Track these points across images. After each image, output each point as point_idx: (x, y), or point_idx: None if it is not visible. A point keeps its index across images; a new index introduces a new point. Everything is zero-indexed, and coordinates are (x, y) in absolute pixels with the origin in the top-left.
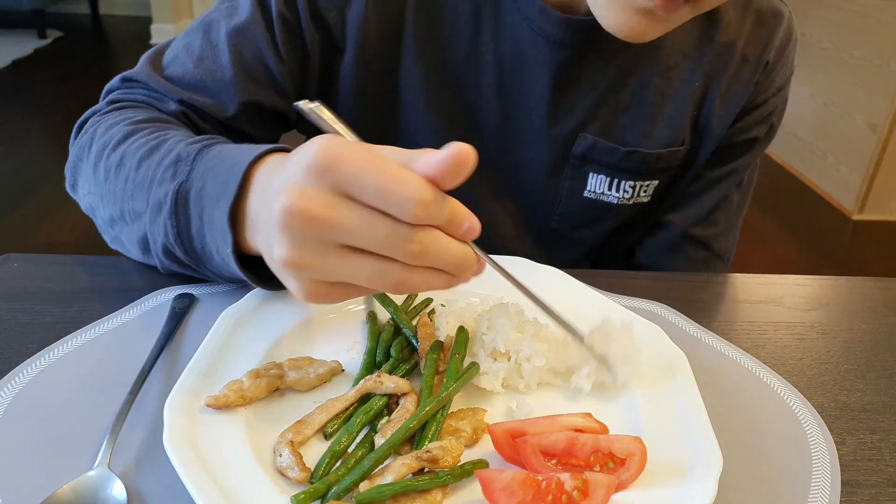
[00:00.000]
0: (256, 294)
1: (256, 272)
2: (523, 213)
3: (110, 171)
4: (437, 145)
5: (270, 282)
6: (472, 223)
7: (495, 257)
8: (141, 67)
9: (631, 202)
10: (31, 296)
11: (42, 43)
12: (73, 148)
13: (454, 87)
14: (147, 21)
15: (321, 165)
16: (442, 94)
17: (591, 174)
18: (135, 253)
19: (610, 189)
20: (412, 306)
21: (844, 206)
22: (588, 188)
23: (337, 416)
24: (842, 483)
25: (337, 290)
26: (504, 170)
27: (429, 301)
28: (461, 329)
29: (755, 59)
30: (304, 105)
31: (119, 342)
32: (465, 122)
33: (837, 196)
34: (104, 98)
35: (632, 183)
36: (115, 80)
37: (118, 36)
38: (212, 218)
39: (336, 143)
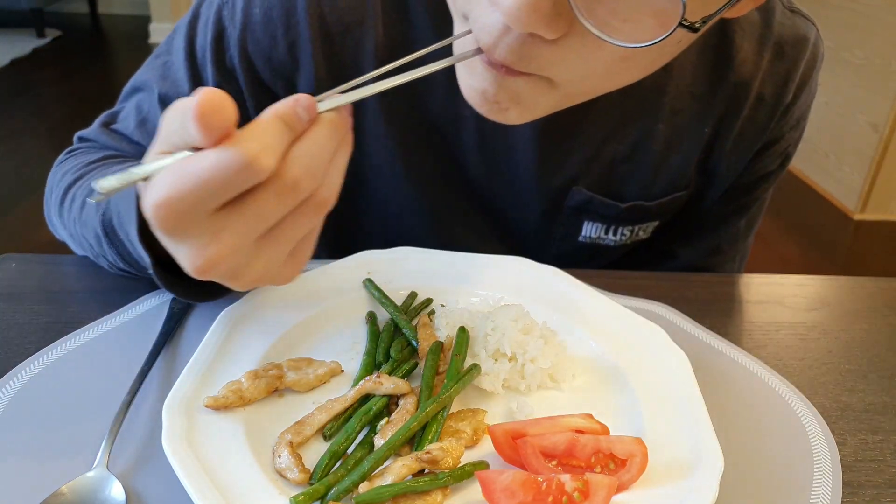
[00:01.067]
0: (255, 294)
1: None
2: (516, 255)
3: (64, 217)
4: (414, 198)
5: (202, 292)
6: (301, 104)
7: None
8: (94, 127)
9: (630, 242)
10: (29, 296)
11: (41, 42)
12: (45, 205)
13: (431, 142)
14: (146, 20)
15: (169, 227)
16: (417, 149)
17: (586, 222)
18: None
19: (607, 234)
20: (412, 306)
21: (846, 205)
22: (583, 234)
23: (336, 416)
24: (843, 484)
25: (297, 255)
26: (494, 217)
27: (429, 301)
28: (462, 330)
29: (772, 98)
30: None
31: (118, 342)
32: (447, 174)
33: (839, 196)
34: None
35: (630, 227)
36: (75, 139)
37: (117, 35)
38: (132, 240)
39: (154, 200)
